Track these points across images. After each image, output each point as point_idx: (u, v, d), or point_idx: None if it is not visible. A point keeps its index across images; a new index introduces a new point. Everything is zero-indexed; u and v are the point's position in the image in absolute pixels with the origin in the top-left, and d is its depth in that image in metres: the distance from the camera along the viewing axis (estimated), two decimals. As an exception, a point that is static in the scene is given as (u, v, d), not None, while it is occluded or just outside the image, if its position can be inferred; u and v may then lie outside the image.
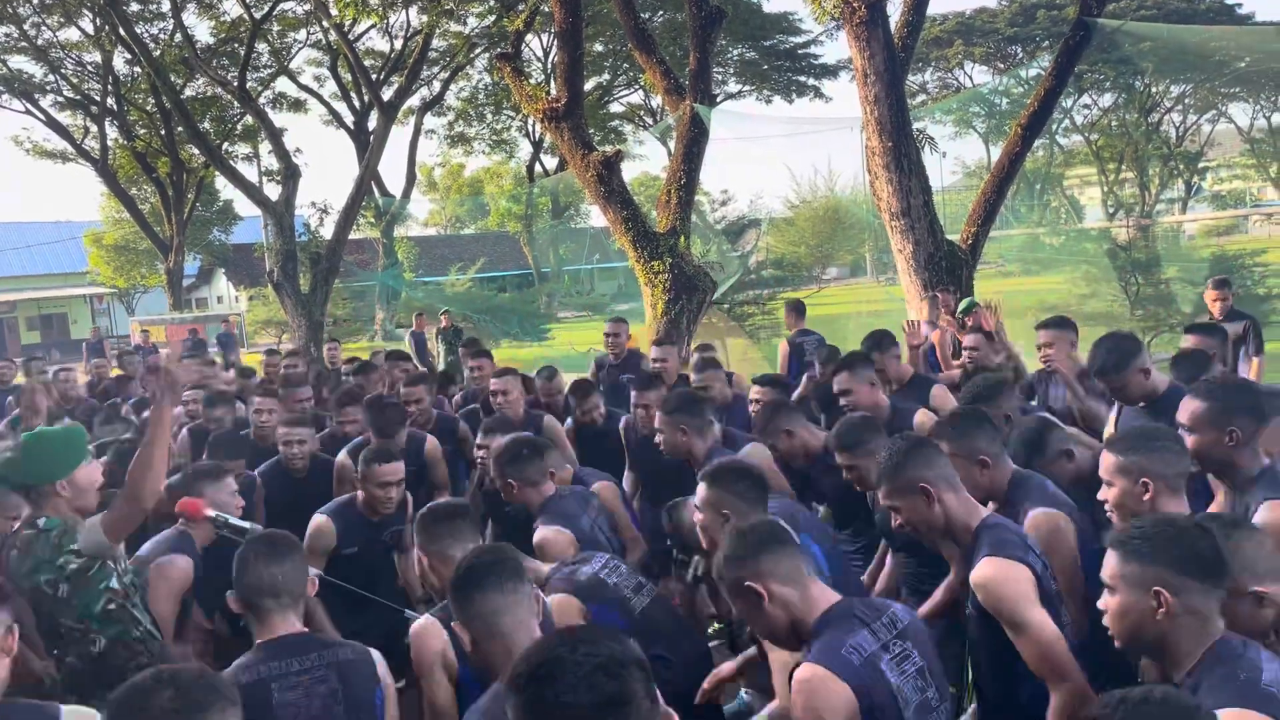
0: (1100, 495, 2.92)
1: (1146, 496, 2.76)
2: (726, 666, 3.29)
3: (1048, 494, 3.14)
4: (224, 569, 3.80)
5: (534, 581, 3.26)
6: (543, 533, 3.78)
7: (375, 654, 2.83)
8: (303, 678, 2.64)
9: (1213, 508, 3.26)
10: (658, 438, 4.48)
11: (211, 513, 3.44)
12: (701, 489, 3.12)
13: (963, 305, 8.74)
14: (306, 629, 2.82)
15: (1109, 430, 4.16)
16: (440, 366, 13.45)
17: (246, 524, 3.60)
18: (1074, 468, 3.53)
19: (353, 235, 24.16)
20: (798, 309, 9.43)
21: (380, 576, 4.27)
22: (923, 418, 4.56)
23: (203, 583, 3.88)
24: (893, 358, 5.41)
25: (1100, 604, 2.20)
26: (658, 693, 1.42)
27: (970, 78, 34.05)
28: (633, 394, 5.54)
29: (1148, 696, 1.66)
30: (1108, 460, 2.87)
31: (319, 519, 4.31)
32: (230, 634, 4.36)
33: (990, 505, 3.05)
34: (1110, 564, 2.18)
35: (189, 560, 3.79)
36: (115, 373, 10.27)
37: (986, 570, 2.60)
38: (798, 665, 2.27)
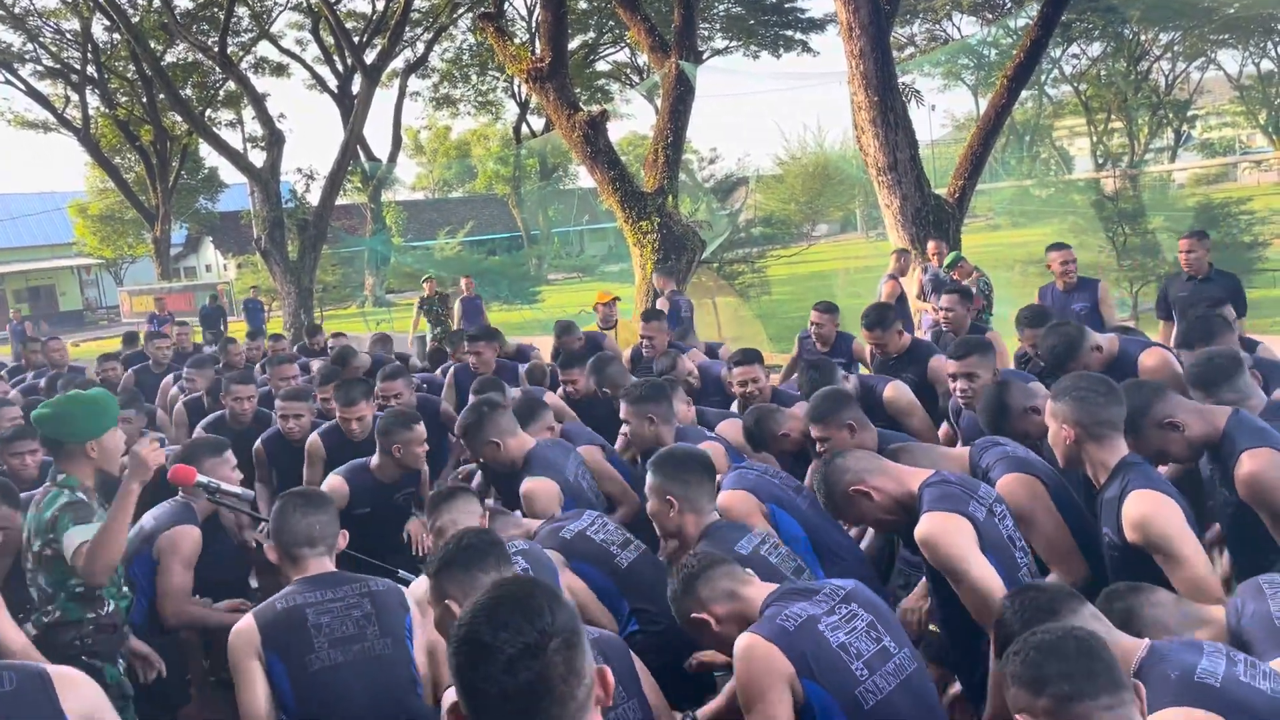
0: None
1: (1068, 442, 2.87)
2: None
3: (1013, 458, 3.19)
4: (210, 545, 3.95)
5: (524, 539, 3.34)
6: (528, 484, 3.84)
7: (404, 588, 3.01)
8: (337, 603, 2.83)
9: None
10: (624, 428, 4.38)
11: (203, 479, 3.47)
12: (648, 476, 3.18)
13: (949, 259, 8.79)
14: (339, 570, 2.98)
15: None
16: (426, 335, 13.28)
17: (238, 490, 3.63)
18: (1041, 420, 3.56)
19: (340, 201, 24.03)
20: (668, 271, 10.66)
21: (389, 538, 4.35)
22: (892, 391, 4.55)
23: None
24: (894, 332, 5.28)
25: None
26: (586, 659, 1.43)
27: (958, 29, 33.74)
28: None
29: (1037, 585, 1.82)
30: (1047, 403, 3.00)
31: (333, 479, 4.42)
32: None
33: None
34: None
35: (197, 530, 3.88)
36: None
37: (924, 526, 2.69)
38: None
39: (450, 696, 1.58)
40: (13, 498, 3.68)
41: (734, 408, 5.07)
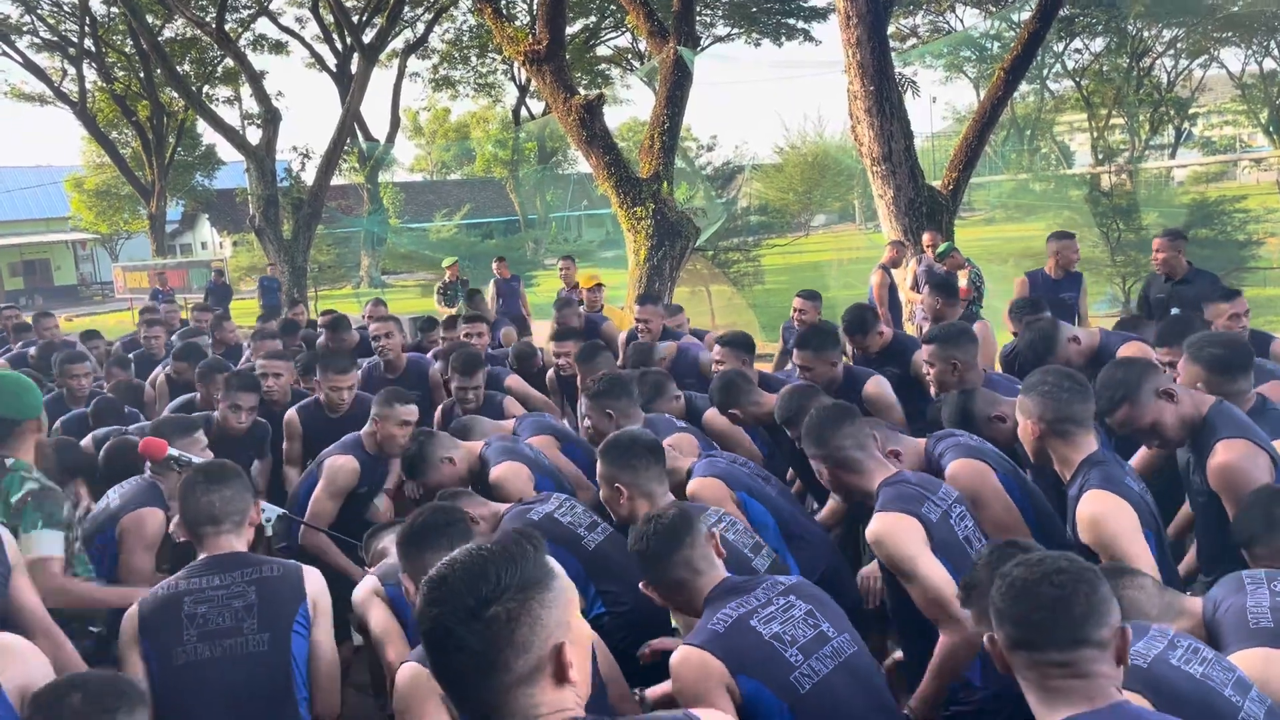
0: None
1: (1032, 437, 2.91)
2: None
3: (964, 446, 3.22)
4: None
5: (490, 520, 3.34)
6: (495, 473, 3.82)
7: (309, 570, 2.85)
8: (219, 592, 2.68)
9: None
10: (584, 422, 4.27)
11: (174, 452, 3.45)
12: (598, 465, 3.19)
13: (940, 249, 8.79)
14: (244, 551, 2.85)
15: None
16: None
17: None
18: (1008, 429, 3.53)
19: (337, 181, 23.95)
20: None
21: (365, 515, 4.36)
22: (874, 387, 4.54)
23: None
24: (874, 335, 5.18)
25: None
26: (535, 632, 1.42)
27: (961, 21, 33.63)
28: (552, 345, 5.63)
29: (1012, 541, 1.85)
30: (1018, 397, 3.02)
31: (344, 459, 4.31)
32: None
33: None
34: None
35: (163, 513, 3.74)
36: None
37: (874, 525, 2.75)
38: None
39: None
40: None
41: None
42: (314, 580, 2.83)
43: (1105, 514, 2.64)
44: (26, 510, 3.07)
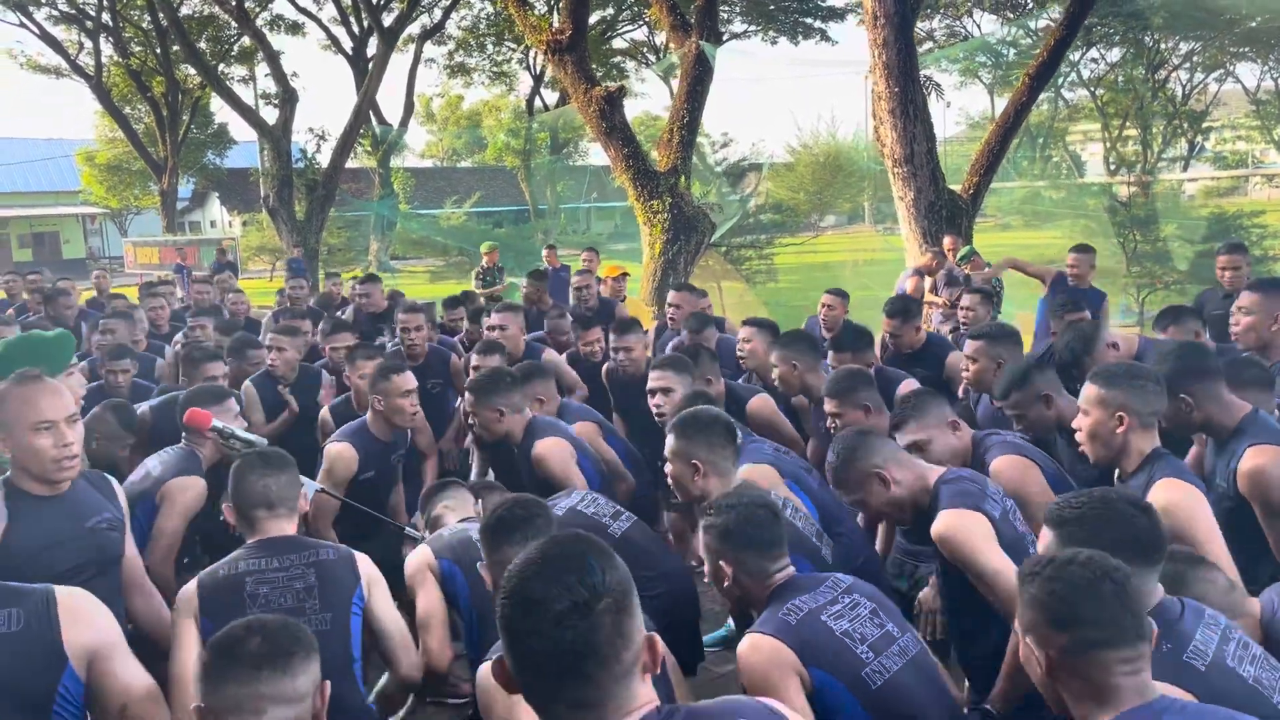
0: (1074, 423, 2.99)
1: (1120, 430, 2.83)
2: None
3: (1010, 443, 3.24)
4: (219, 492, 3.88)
5: None
6: (539, 447, 3.84)
7: (360, 555, 2.90)
8: (279, 574, 2.73)
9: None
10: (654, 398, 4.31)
11: (218, 423, 3.47)
12: (670, 439, 3.17)
13: (961, 253, 8.80)
14: (297, 535, 2.90)
15: None
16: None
17: (252, 436, 3.64)
18: (1054, 413, 3.58)
19: (349, 164, 23.93)
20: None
21: (386, 499, 4.36)
22: (756, 404, 4.57)
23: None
24: (912, 327, 5.26)
25: None
26: (635, 624, 1.42)
27: (979, 26, 33.55)
28: (612, 338, 5.48)
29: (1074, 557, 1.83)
30: (1088, 391, 2.93)
31: (339, 446, 4.27)
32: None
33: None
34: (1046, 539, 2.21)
35: (203, 482, 3.81)
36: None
37: (942, 522, 2.70)
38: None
39: (494, 651, 1.58)
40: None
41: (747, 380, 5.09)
42: (366, 564, 2.89)
43: (1180, 502, 2.63)
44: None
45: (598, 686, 1.40)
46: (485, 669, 2.35)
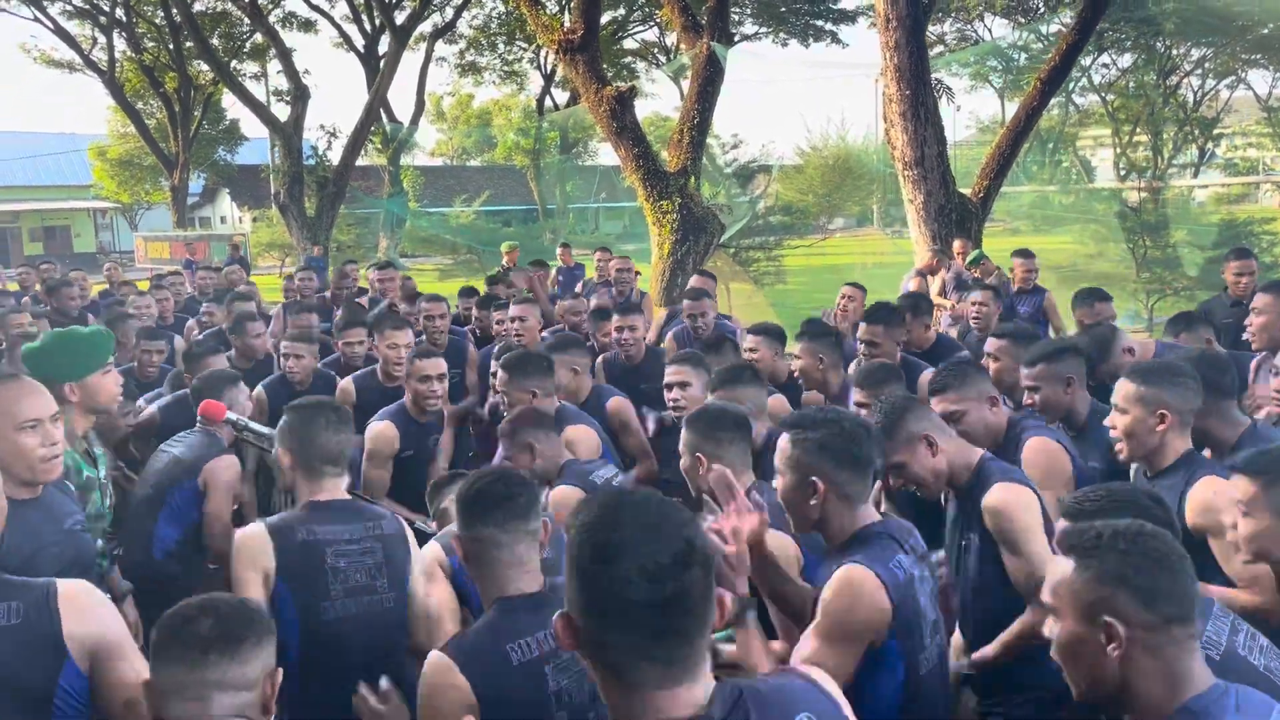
0: (1108, 421, 2.96)
1: (1160, 428, 2.81)
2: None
3: (1047, 429, 3.26)
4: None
5: (551, 464, 3.36)
6: (570, 432, 3.91)
7: (405, 525, 2.93)
8: (353, 546, 2.72)
9: None
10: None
11: (232, 415, 3.51)
12: (683, 433, 3.13)
13: (971, 257, 8.81)
14: (350, 496, 2.89)
15: None
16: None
17: (264, 429, 3.67)
18: (1069, 401, 3.63)
19: (359, 161, 24.01)
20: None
21: (423, 480, 4.37)
22: (613, 404, 4.61)
23: None
24: (922, 325, 5.29)
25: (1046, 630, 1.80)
26: (714, 586, 1.38)
27: (990, 30, 33.50)
28: (615, 318, 5.55)
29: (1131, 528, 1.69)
30: (1125, 388, 2.90)
31: (381, 424, 4.35)
32: None
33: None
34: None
35: (237, 459, 3.92)
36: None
37: (1001, 494, 2.67)
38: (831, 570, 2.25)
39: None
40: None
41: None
42: (410, 535, 2.90)
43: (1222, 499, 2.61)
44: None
45: (689, 643, 1.35)
46: (435, 656, 2.18)
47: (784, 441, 2.35)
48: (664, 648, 1.33)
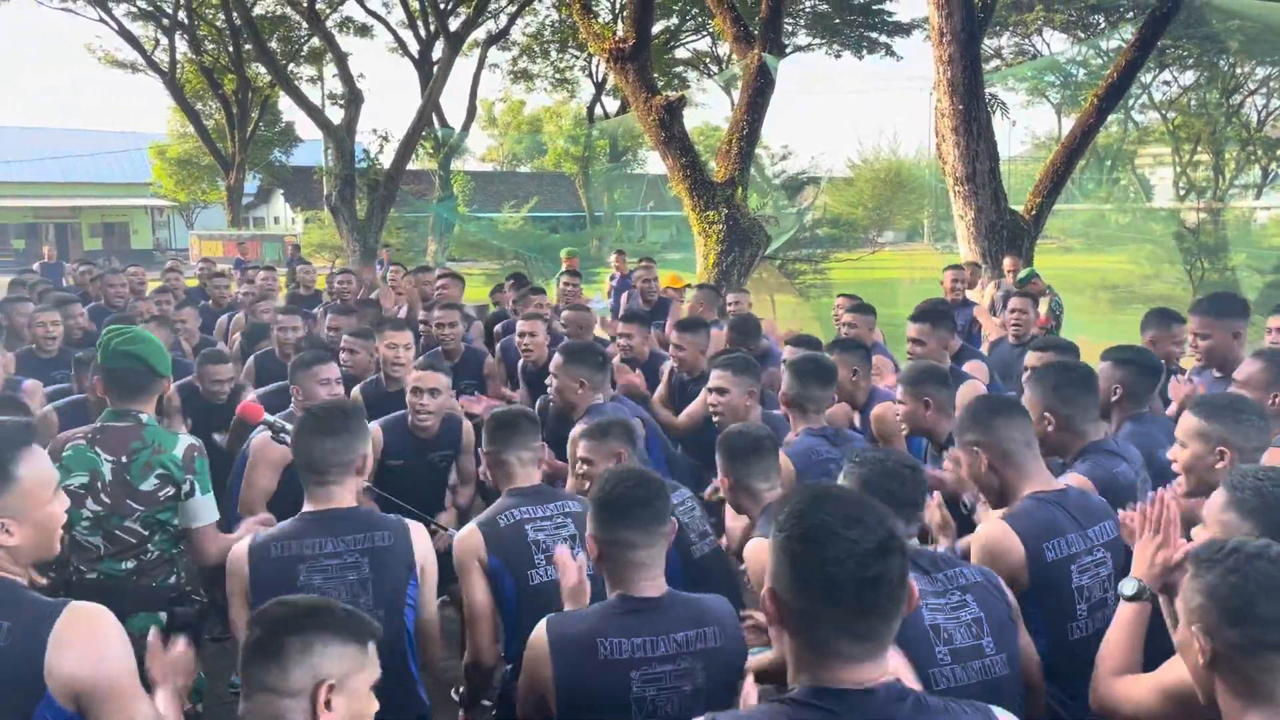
0: (1170, 454, 2.87)
1: (1220, 465, 2.70)
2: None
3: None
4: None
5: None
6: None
7: (416, 530, 2.76)
8: (332, 562, 2.59)
9: None
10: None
11: (269, 417, 3.52)
12: (718, 456, 3.17)
13: (1021, 274, 8.65)
14: (356, 504, 2.76)
15: None
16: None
17: None
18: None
19: (410, 165, 24.25)
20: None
21: (418, 493, 4.33)
22: (968, 389, 4.45)
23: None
24: (949, 329, 5.19)
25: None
26: (908, 570, 1.54)
27: (1048, 45, 33.03)
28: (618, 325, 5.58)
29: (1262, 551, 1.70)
30: (1188, 422, 2.81)
31: (370, 427, 4.37)
32: None
33: None
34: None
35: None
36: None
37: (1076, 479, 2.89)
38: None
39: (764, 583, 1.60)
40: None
41: None
42: (421, 541, 2.76)
43: None
44: (199, 468, 3.14)
45: (887, 622, 1.50)
46: (541, 627, 2.36)
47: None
48: (865, 624, 1.49)
